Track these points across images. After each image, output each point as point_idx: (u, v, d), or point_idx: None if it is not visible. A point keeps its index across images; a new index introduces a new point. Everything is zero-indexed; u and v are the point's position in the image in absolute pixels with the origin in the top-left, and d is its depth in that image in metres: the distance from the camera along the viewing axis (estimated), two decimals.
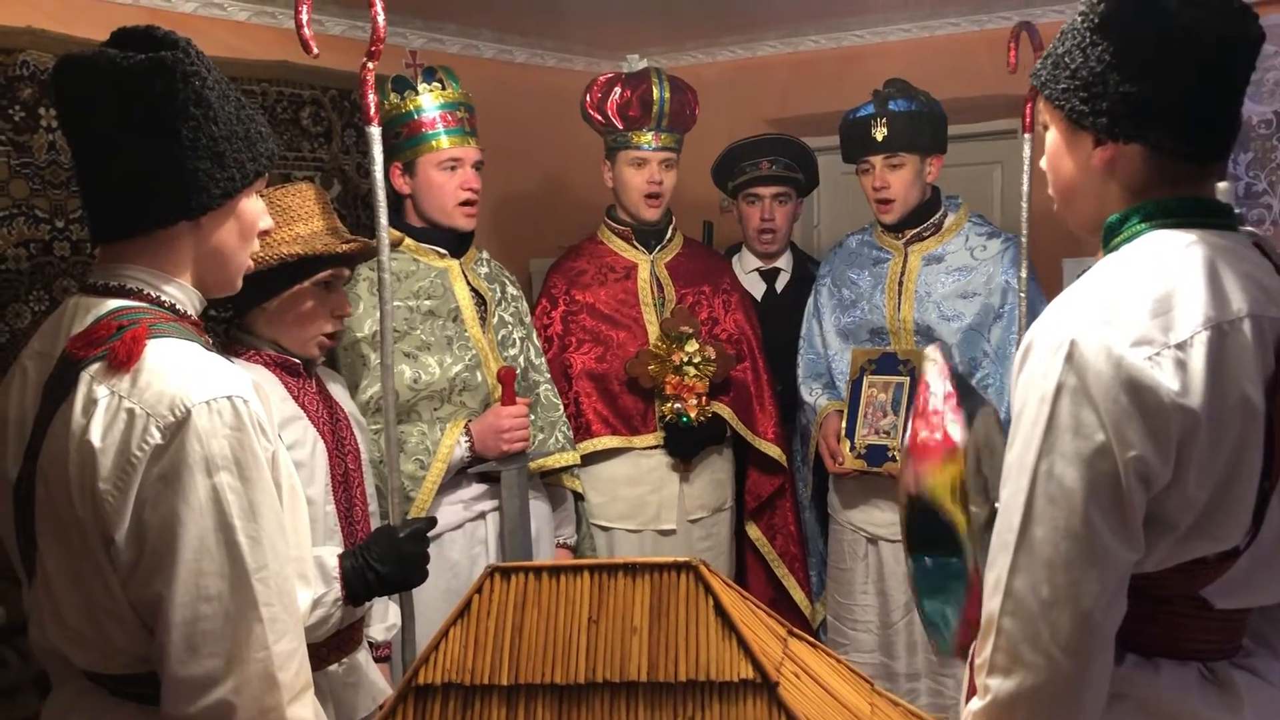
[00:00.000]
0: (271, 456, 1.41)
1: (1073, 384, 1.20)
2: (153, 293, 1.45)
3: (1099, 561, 1.20)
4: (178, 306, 1.47)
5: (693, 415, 2.92)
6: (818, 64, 4.11)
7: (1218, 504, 1.22)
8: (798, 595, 3.17)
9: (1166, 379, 1.18)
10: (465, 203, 2.59)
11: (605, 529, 3.01)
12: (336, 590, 1.79)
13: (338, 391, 2.28)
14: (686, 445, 2.98)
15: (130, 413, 1.32)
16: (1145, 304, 1.22)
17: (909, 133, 2.90)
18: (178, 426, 1.31)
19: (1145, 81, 1.27)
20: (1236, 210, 2.36)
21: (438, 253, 2.63)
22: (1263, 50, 1.31)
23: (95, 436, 1.32)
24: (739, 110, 4.02)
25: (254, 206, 1.54)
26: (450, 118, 2.58)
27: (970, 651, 1.40)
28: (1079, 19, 1.34)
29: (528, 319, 2.86)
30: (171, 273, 1.47)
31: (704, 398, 2.94)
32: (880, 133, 2.89)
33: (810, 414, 3.12)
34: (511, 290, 2.81)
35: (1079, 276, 3.69)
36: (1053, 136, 1.40)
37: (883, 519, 2.99)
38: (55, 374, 1.41)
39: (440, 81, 2.60)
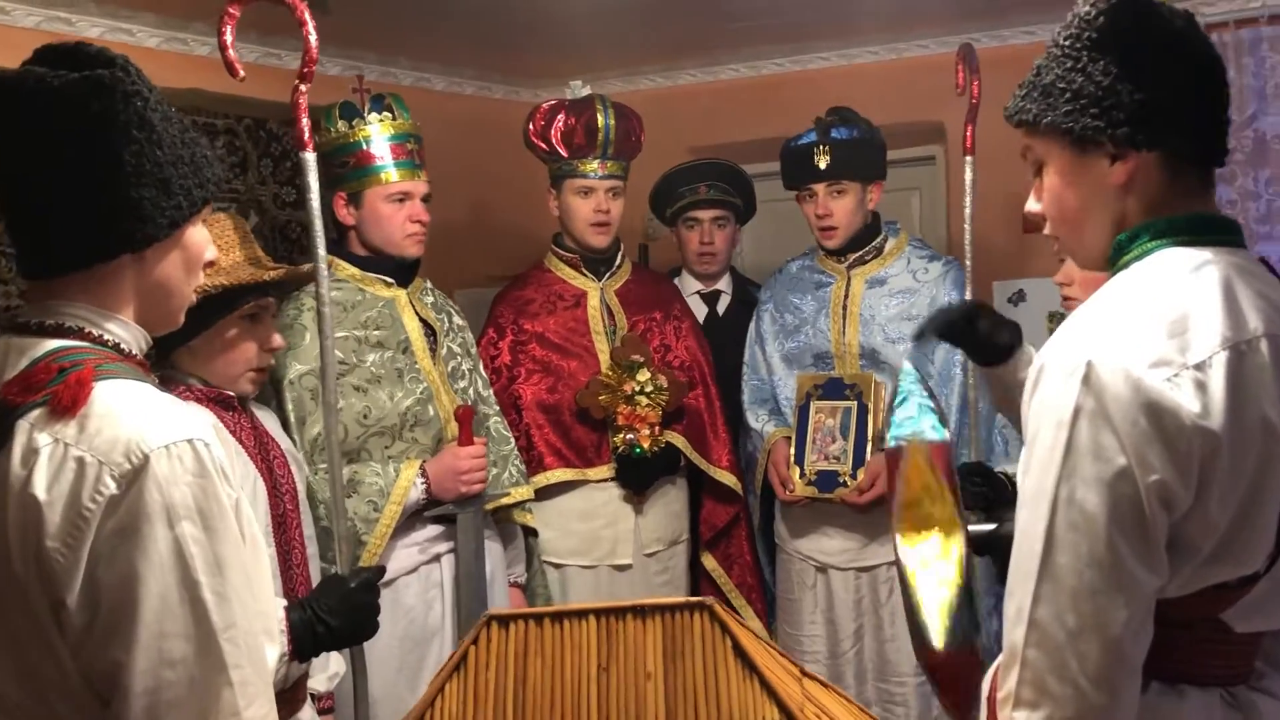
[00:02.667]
0: (235, 504, 1.30)
1: (1091, 407, 1.17)
2: (95, 331, 1.32)
3: (1125, 588, 1.17)
4: (122, 345, 1.35)
5: (645, 446, 2.85)
6: (739, 92, 4.12)
7: (1239, 527, 1.20)
8: (756, 626, 3.11)
9: (1186, 400, 1.16)
10: (413, 234, 2.50)
11: (558, 566, 2.92)
12: (283, 644, 1.66)
13: (271, 426, 2.16)
14: (639, 477, 2.91)
15: (80, 461, 1.20)
16: (1161, 324, 1.20)
17: (852, 160, 2.90)
18: (135, 474, 1.19)
19: (1158, 88, 1.27)
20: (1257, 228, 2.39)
21: (384, 282, 2.53)
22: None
23: (39, 489, 1.20)
24: (662, 139, 3.96)
25: (199, 236, 1.41)
26: (400, 150, 2.48)
27: (989, 686, 1.36)
28: (1066, 42, 1.33)
29: (474, 349, 2.77)
30: (113, 309, 1.34)
31: (656, 427, 2.88)
32: (823, 160, 2.88)
33: (757, 440, 3.08)
34: (457, 320, 2.73)
35: (1009, 299, 3.75)
36: (1051, 171, 1.37)
37: (832, 547, 2.96)
38: None
39: (390, 111, 2.51)
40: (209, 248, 1.44)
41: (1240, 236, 1.33)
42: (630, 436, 2.85)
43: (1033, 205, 1.43)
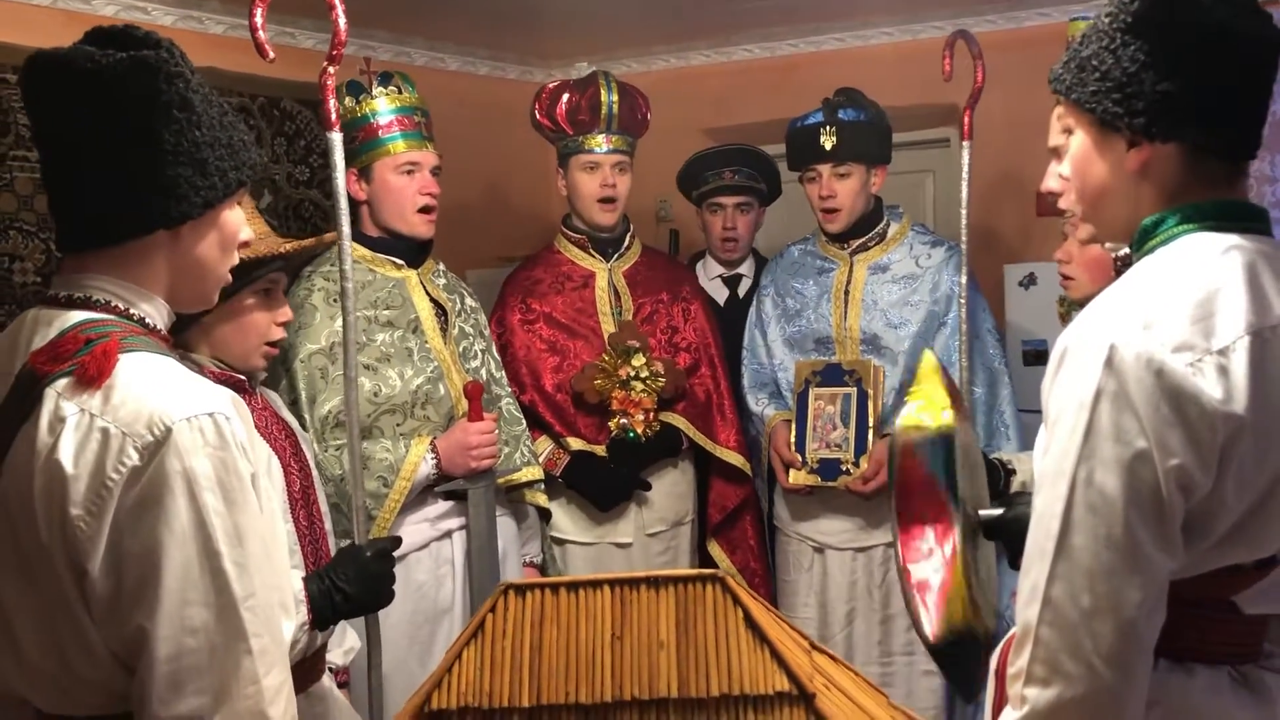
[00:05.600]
0: (252, 477, 1.32)
1: (1113, 389, 1.17)
2: (122, 305, 1.35)
3: (1141, 570, 1.17)
4: (147, 320, 1.38)
5: (639, 430, 2.85)
6: (752, 73, 4.11)
7: (1256, 513, 1.21)
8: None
9: (1209, 386, 1.16)
10: (424, 209, 2.51)
11: (559, 541, 2.93)
12: (303, 614, 1.70)
13: (282, 408, 2.17)
14: (632, 461, 2.91)
15: (104, 432, 1.22)
16: (1186, 308, 1.19)
17: (857, 143, 2.89)
18: (157, 446, 1.22)
19: (1182, 80, 1.25)
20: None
21: (394, 263, 2.54)
22: None
23: (65, 458, 1.22)
24: (675, 119, 3.98)
25: (235, 217, 1.45)
26: (407, 121, 2.50)
27: (998, 661, 1.37)
28: (1105, 20, 1.31)
29: (487, 330, 2.78)
30: (144, 285, 1.38)
31: (651, 413, 2.87)
32: (829, 141, 2.87)
33: (759, 424, 3.08)
34: (470, 301, 2.73)
35: (1019, 283, 3.72)
36: (1079, 141, 1.36)
37: (831, 527, 2.97)
38: (14, 392, 1.30)
39: (396, 86, 2.53)
40: (244, 229, 1.48)
41: (1267, 224, 1.32)
42: (624, 421, 2.85)
43: (1064, 169, 1.41)
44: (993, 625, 1.54)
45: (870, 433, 2.84)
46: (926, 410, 1.52)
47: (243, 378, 2.04)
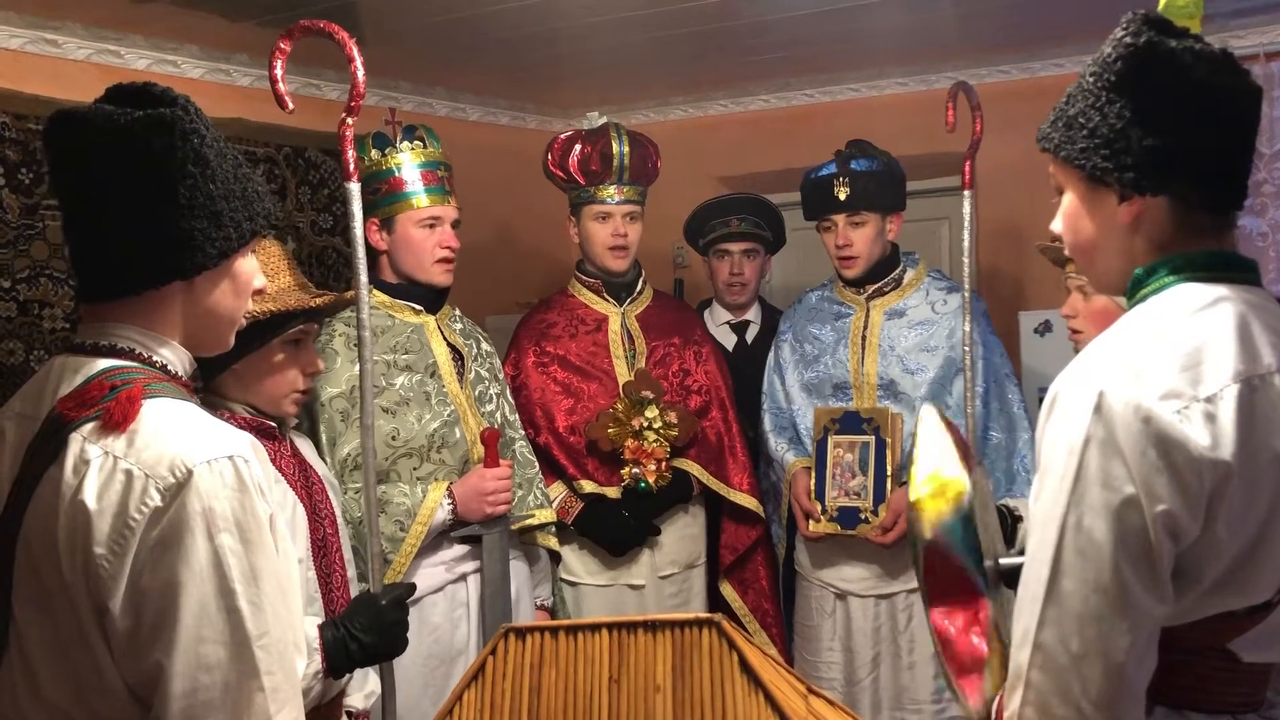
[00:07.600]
0: (269, 519, 1.36)
1: (1101, 436, 1.19)
2: (145, 353, 1.40)
3: (1129, 614, 1.18)
4: (169, 367, 1.43)
5: (651, 481, 2.87)
6: (767, 123, 4.18)
7: (1247, 559, 1.22)
8: (772, 653, 3.11)
9: (1195, 433, 1.18)
10: (443, 259, 2.56)
11: (573, 584, 2.95)
12: (317, 662, 1.73)
13: (310, 455, 2.22)
14: (645, 511, 2.93)
15: (128, 474, 1.26)
16: (1174, 357, 1.22)
17: (871, 192, 2.94)
18: (179, 488, 1.26)
19: (1168, 135, 1.28)
20: None
21: (412, 309, 2.59)
22: None
23: (89, 498, 1.26)
24: (690, 168, 4.05)
25: (248, 265, 1.49)
26: (431, 176, 2.56)
27: (995, 707, 1.38)
28: (1090, 79, 1.34)
29: (501, 375, 2.82)
30: (163, 333, 1.43)
31: (664, 463, 2.90)
32: (843, 192, 2.92)
33: (779, 470, 3.10)
34: (485, 346, 2.78)
35: (1035, 330, 3.72)
36: (1069, 198, 1.40)
37: (852, 574, 2.97)
38: (40, 436, 1.34)
39: (421, 140, 2.59)
40: (257, 276, 1.52)
41: (1257, 275, 1.34)
42: (636, 471, 2.87)
43: (1056, 225, 1.45)
44: None
45: (889, 481, 2.85)
46: (941, 497, 1.51)
47: (272, 424, 2.08)
